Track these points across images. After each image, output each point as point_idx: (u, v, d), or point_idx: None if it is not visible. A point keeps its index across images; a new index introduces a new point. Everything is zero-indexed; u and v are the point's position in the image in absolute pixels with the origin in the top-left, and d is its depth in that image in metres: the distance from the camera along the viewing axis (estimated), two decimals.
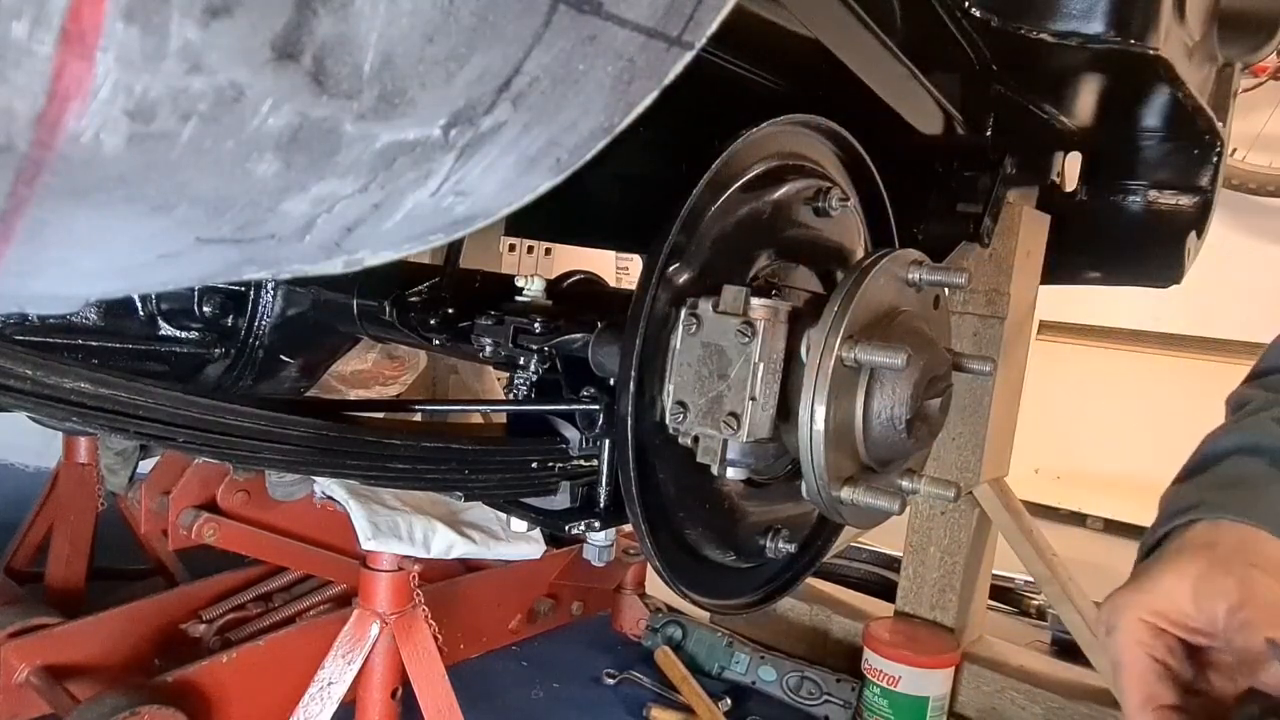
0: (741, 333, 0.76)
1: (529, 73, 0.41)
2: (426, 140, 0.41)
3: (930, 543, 1.96)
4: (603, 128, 0.48)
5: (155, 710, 1.37)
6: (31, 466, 2.73)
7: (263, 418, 0.77)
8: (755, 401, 0.77)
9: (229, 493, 1.58)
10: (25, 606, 1.63)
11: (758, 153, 0.87)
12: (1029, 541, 1.84)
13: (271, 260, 0.47)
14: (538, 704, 1.87)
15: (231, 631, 1.79)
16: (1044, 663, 2.00)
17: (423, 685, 1.43)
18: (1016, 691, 1.88)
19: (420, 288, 1.19)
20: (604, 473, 0.94)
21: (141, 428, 0.70)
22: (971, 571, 1.94)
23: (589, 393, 0.95)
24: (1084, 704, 1.82)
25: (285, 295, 1.28)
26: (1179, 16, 1.14)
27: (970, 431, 1.84)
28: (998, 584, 2.35)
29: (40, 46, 0.28)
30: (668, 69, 0.48)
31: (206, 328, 1.24)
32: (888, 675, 1.83)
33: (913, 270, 0.85)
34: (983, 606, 2.06)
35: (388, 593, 1.41)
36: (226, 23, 0.30)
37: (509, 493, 0.97)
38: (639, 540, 0.86)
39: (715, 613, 1.77)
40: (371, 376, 1.90)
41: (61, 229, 0.36)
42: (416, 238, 0.50)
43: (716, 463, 0.80)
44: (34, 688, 1.49)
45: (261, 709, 1.54)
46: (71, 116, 0.30)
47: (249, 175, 0.37)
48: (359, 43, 0.34)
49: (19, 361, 0.61)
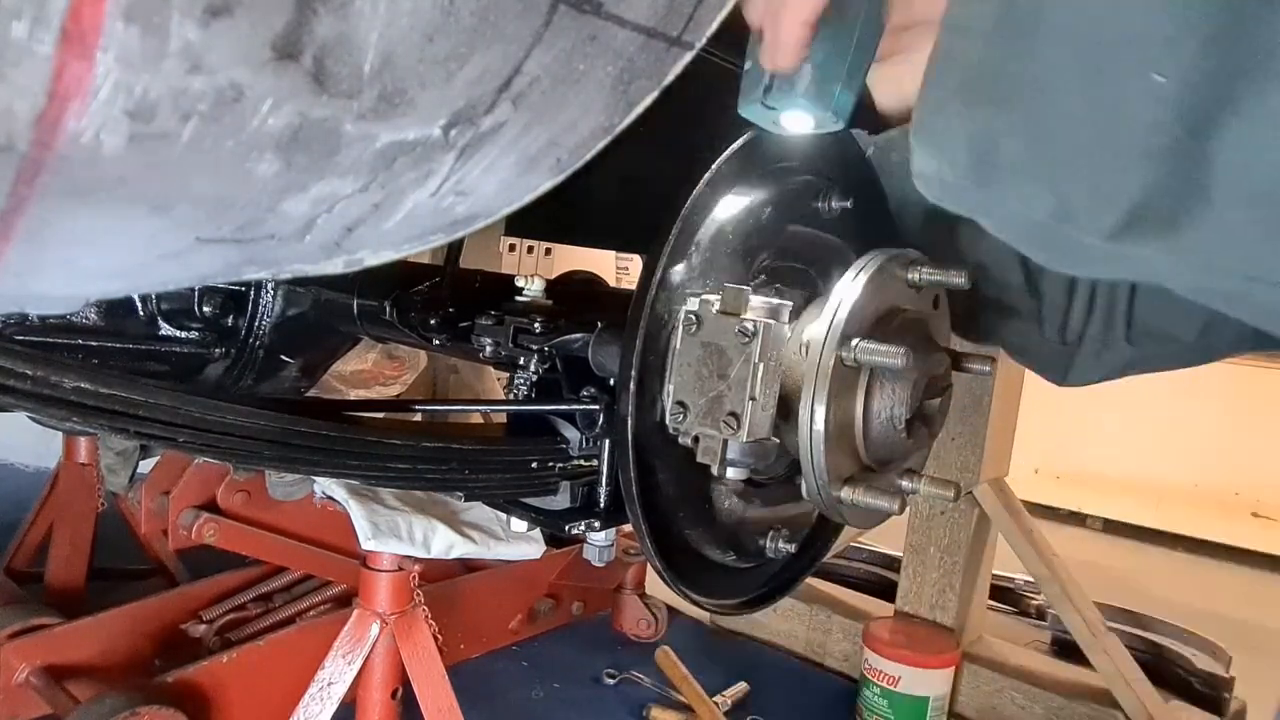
0: (741, 333, 0.76)
1: (529, 72, 0.41)
2: (427, 140, 0.41)
3: (930, 543, 1.96)
4: (603, 128, 0.48)
5: (155, 710, 1.37)
6: (31, 466, 2.73)
7: (263, 418, 0.77)
8: (755, 401, 0.77)
9: (229, 493, 1.58)
10: (25, 606, 1.63)
11: (758, 152, 0.87)
12: (1029, 541, 1.84)
13: (272, 260, 0.47)
14: (538, 704, 1.87)
15: (231, 631, 1.79)
16: (1044, 663, 2.00)
17: (423, 685, 1.43)
18: (1016, 691, 1.88)
19: (420, 288, 1.19)
20: (604, 473, 0.94)
21: (141, 428, 0.70)
22: (971, 571, 1.94)
23: (589, 393, 0.95)
24: (1084, 704, 1.82)
25: (285, 295, 1.28)
26: None
27: (970, 431, 1.84)
28: (998, 584, 2.35)
29: (40, 46, 0.28)
30: (668, 69, 0.48)
31: (206, 328, 1.24)
32: (888, 675, 1.83)
33: (913, 270, 0.85)
34: (983, 606, 2.06)
35: (388, 593, 1.41)
36: (227, 23, 0.30)
37: (509, 493, 0.97)
38: (639, 540, 0.86)
39: (715, 613, 1.77)
40: (371, 376, 1.90)
41: (62, 229, 0.36)
42: (417, 238, 0.50)
43: (716, 463, 0.80)
44: (34, 688, 1.49)
45: (261, 709, 1.54)
46: (71, 116, 0.30)
47: (249, 175, 0.37)
48: (359, 43, 0.34)
49: (19, 361, 0.61)
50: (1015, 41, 0.38)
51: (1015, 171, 0.39)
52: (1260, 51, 0.33)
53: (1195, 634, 2.15)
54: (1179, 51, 0.34)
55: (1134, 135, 0.35)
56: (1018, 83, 0.38)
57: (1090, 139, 0.36)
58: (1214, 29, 0.33)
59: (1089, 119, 0.36)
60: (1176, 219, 0.34)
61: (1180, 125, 0.34)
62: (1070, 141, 0.37)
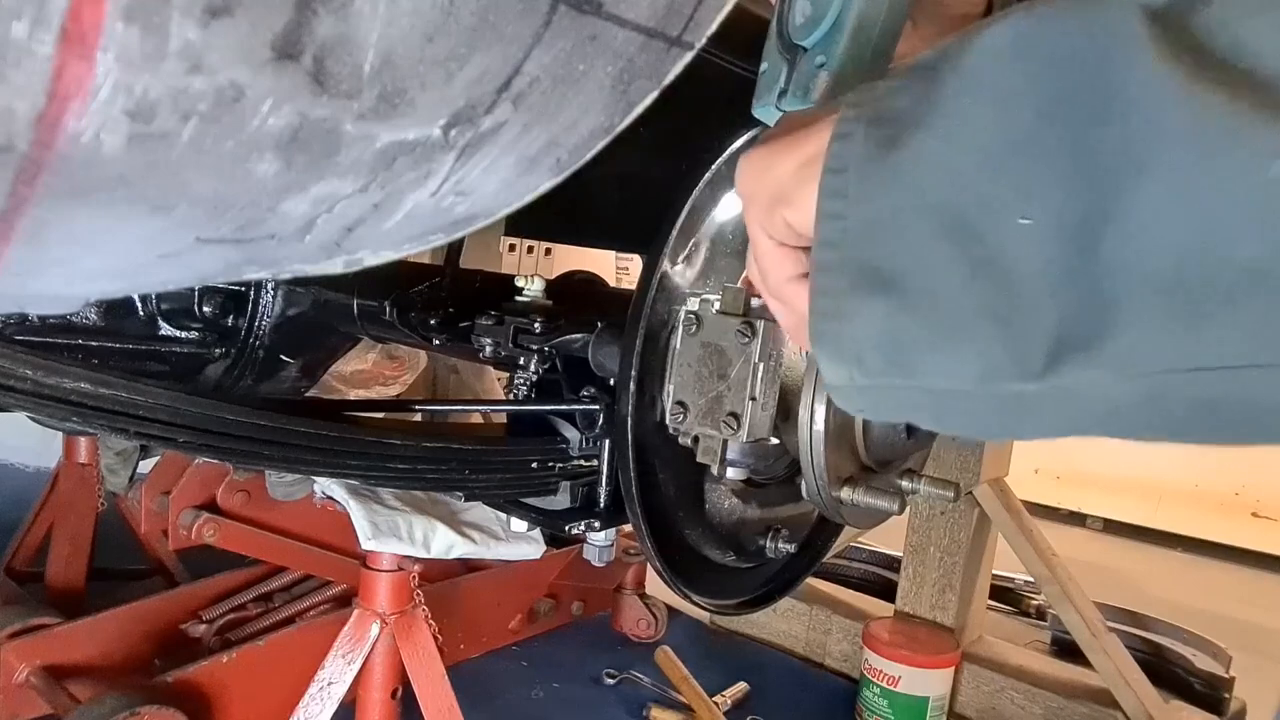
0: (741, 333, 0.76)
1: (529, 73, 0.41)
2: (427, 140, 0.41)
3: (930, 543, 1.96)
4: (603, 128, 0.48)
5: (155, 710, 1.37)
6: (31, 466, 2.73)
7: (263, 418, 0.77)
8: (755, 401, 0.77)
9: (229, 493, 1.58)
10: (25, 606, 1.63)
11: None
12: (1029, 541, 1.84)
13: (271, 260, 0.47)
14: (538, 704, 1.87)
15: (231, 631, 1.79)
16: (1044, 663, 2.00)
17: (423, 685, 1.43)
18: (1016, 691, 1.88)
19: (420, 288, 1.19)
20: (604, 473, 0.94)
21: (141, 428, 0.70)
22: (971, 571, 1.94)
23: (589, 393, 0.96)
24: (1084, 704, 1.82)
25: (285, 295, 1.28)
26: None
27: None
28: (998, 584, 2.35)
29: (40, 46, 0.28)
30: (668, 69, 0.48)
31: (206, 328, 1.24)
32: (888, 675, 1.83)
33: None
34: (982, 606, 2.07)
35: (388, 593, 1.41)
36: (227, 23, 0.30)
37: (509, 493, 0.97)
38: (639, 540, 0.86)
39: (715, 613, 1.77)
40: (371, 376, 1.90)
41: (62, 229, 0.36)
42: (417, 238, 0.50)
43: (716, 463, 0.80)
44: (34, 688, 1.49)
45: (261, 709, 1.54)
46: (71, 116, 0.30)
47: (249, 175, 0.37)
48: (359, 43, 0.34)
49: (19, 361, 0.61)
50: (886, 235, 0.39)
51: (928, 350, 0.39)
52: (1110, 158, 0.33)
53: (1195, 634, 2.15)
54: (1033, 190, 0.34)
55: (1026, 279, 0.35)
56: (897, 266, 0.38)
57: (986, 296, 0.36)
58: (1059, 159, 0.34)
59: (977, 278, 0.36)
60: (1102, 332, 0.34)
61: (1066, 252, 0.34)
62: (969, 305, 0.37)
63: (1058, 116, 0.34)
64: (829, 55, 0.56)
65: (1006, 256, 0.35)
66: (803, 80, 0.58)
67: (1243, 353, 0.32)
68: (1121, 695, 1.77)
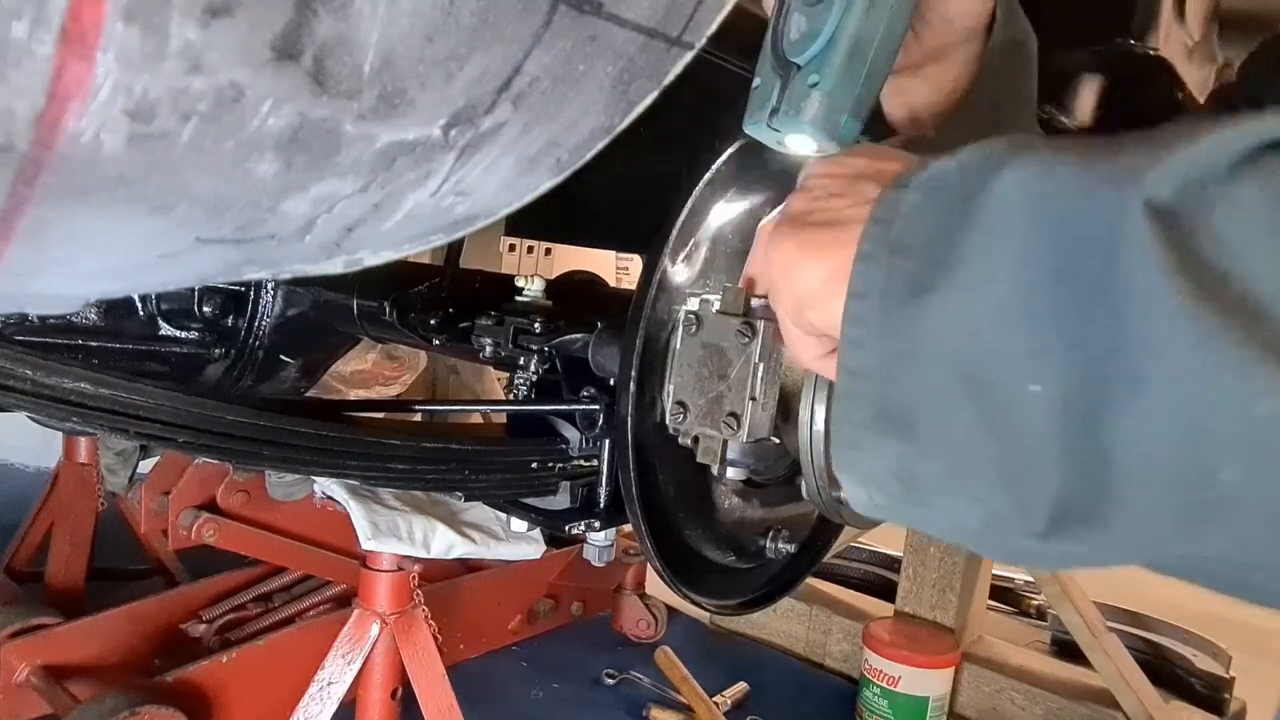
0: (741, 333, 0.76)
1: (529, 73, 0.41)
2: (426, 140, 0.41)
3: (930, 543, 1.96)
4: (603, 128, 0.48)
5: (155, 710, 1.37)
6: (31, 466, 2.73)
7: (263, 418, 0.77)
8: (755, 402, 0.76)
9: (229, 493, 1.58)
10: (25, 606, 1.63)
11: (758, 153, 0.87)
12: None
13: (271, 260, 0.47)
14: (538, 704, 1.87)
15: (231, 631, 1.79)
16: (1044, 663, 2.00)
17: (423, 685, 1.43)
18: (1016, 691, 1.88)
19: (420, 288, 1.19)
20: (604, 473, 0.94)
21: (141, 428, 0.70)
22: (971, 571, 1.94)
23: (589, 393, 0.95)
24: (1084, 704, 1.82)
25: (285, 295, 1.28)
26: (1179, 16, 1.14)
27: None
28: (998, 584, 2.35)
29: (40, 46, 0.28)
30: (668, 69, 0.48)
31: (206, 328, 1.24)
32: (888, 675, 1.83)
33: None
34: (983, 606, 2.07)
35: (388, 593, 1.41)
36: (227, 23, 0.30)
37: (509, 493, 0.97)
38: (639, 540, 0.86)
39: (715, 613, 1.77)
40: (371, 377, 1.90)
41: (62, 229, 0.36)
42: (417, 238, 0.50)
43: (716, 463, 0.80)
44: (34, 688, 1.49)
45: (261, 709, 1.54)
46: (71, 116, 0.30)
47: (249, 175, 0.37)
48: (359, 43, 0.34)
49: (19, 361, 0.61)
50: (904, 376, 0.40)
51: (939, 492, 0.41)
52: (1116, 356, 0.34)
53: (1195, 634, 2.15)
54: (1045, 361, 0.35)
55: (1033, 443, 0.36)
56: (916, 412, 0.40)
57: (995, 452, 0.38)
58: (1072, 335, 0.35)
59: (988, 434, 0.38)
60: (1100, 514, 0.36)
61: (1071, 426, 0.35)
62: (979, 457, 0.38)
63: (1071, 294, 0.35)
64: (822, 75, 0.56)
65: (1015, 416, 0.37)
66: (795, 100, 0.57)
67: (1227, 551, 0.35)
68: (1122, 695, 1.77)
